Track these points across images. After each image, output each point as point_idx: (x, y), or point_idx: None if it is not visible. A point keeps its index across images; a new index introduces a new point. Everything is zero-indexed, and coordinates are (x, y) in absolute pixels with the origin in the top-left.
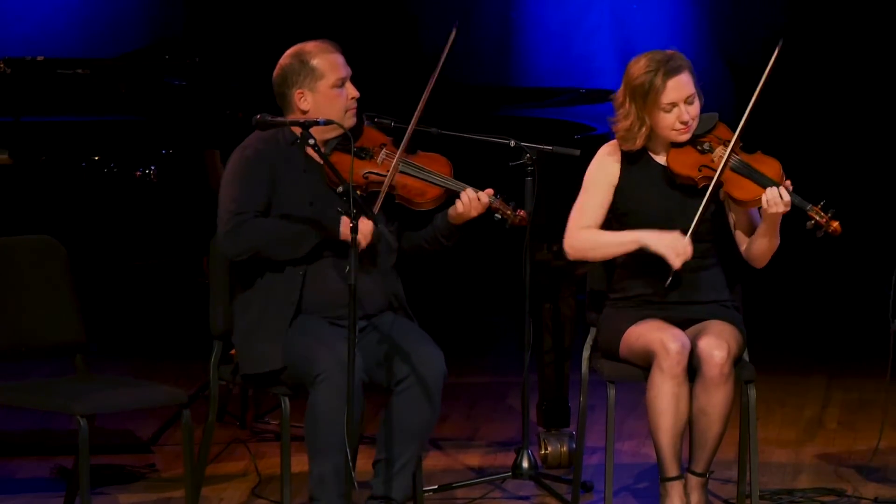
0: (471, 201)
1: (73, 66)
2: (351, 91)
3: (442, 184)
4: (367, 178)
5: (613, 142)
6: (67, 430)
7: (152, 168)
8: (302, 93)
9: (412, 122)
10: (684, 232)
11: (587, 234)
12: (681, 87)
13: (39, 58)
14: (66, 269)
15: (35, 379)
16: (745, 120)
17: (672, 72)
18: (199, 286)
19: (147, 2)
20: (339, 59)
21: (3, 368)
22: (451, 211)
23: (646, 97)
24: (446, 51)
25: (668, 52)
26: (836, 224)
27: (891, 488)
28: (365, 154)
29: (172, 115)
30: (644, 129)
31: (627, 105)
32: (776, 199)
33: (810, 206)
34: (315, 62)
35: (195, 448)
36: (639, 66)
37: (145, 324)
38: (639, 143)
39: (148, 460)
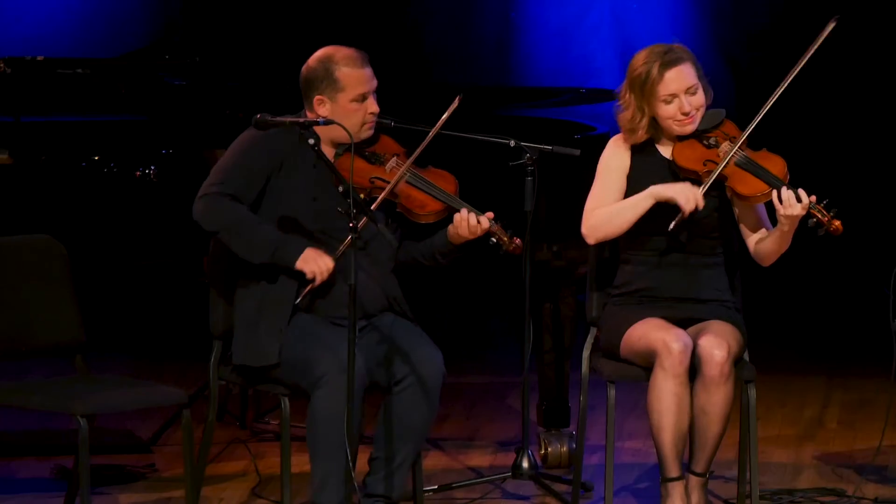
0: (468, 222)
1: (73, 66)
2: (371, 106)
3: (444, 200)
4: (372, 182)
5: (622, 134)
6: (67, 430)
7: (152, 168)
8: (322, 99)
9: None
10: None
11: (600, 211)
12: (680, 78)
13: (39, 58)
14: (66, 269)
15: (35, 379)
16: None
17: (670, 63)
18: (199, 286)
19: (147, 2)
20: (365, 73)
21: (3, 368)
22: (449, 229)
23: (643, 88)
24: (447, 114)
25: (670, 44)
26: (837, 223)
27: (891, 488)
28: (375, 160)
29: (172, 114)
30: (644, 121)
31: (628, 96)
32: (791, 200)
33: (813, 203)
34: (339, 74)
35: (195, 448)
36: (638, 58)
37: (145, 324)
38: (640, 133)
39: (148, 460)
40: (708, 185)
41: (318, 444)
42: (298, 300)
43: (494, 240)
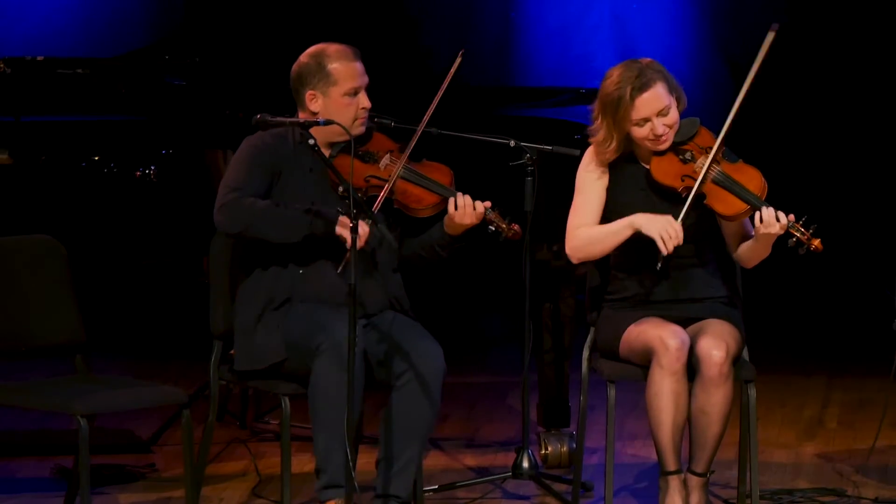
0: (465, 207)
1: (73, 66)
2: (363, 101)
3: (440, 192)
4: (368, 181)
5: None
6: (67, 430)
7: (152, 168)
8: (314, 94)
9: (417, 131)
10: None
11: (582, 231)
12: (651, 102)
13: (39, 58)
14: (66, 269)
15: (35, 379)
16: (725, 132)
17: (642, 88)
18: (199, 286)
19: (147, 2)
20: (357, 67)
21: (3, 368)
22: (446, 218)
23: (615, 113)
24: (451, 74)
25: (641, 62)
26: (817, 242)
27: (891, 488)
28: (369, 158)
29: (172, 115)
30: (614, 144)
31: (600, 119)
32: (771, 220)
33: (792, 223)
34: (332, 67)
35: (195, 448)
36: (611, 81)
37: (145, 324)
38: (609, 156)
39: (148, 460)
40: (685, 209)
41: (319, 413)
42: (340, 269)
43: (493, 228)
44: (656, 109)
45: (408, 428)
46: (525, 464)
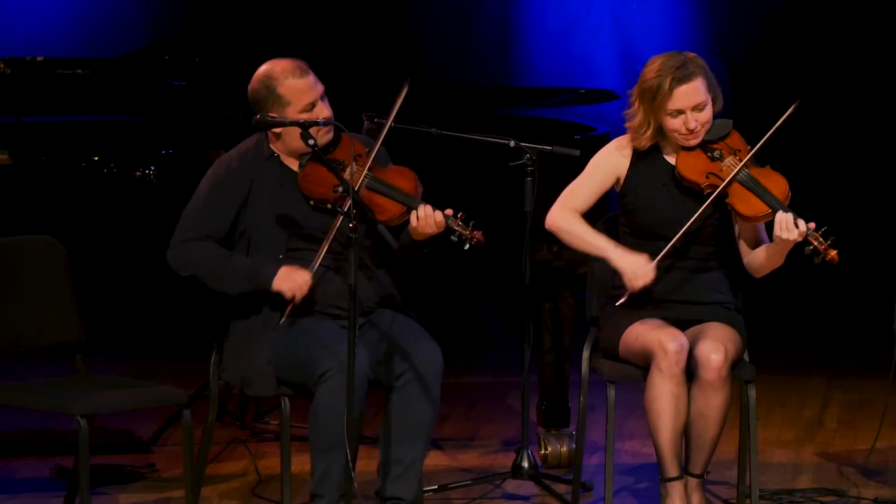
0: (425, 217)
1: (73, 66)
2: (322, 112)
3: (403, 202)
4: (336, 191)
5: (628, 136)
6: (67, 430)
7: (152, 168)
8: (273, 117)
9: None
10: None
11: (570, 218)
12: (688, 95)
13: (39, 58)
14: (66, 269)
15: (35, 379)
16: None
17: (682, 79)
18: (198, 286)
19: (147, 2)
20: (307, 82)
21: (3, 368)
22: (409, 227)
23: (653, 100)
24: (398, 102)
25: (685, 55)
26: (833, 253)
27: (891, 488)
28: (337, 166)
29: (172, 115)
30: (650, 131)
31: (637, 104)
32: (789, 224)
33: (811, 231)
34: (282, 90)
35: (195, 448)
36: (652, 68)
37: (145, 324)
38: (644, 143)
39: (148, 460)
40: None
41: (320, 437)
42: (282, 320)
43: (454, 237)
44: (692, 103)
45: (409, 429)
46: (525, 464)
